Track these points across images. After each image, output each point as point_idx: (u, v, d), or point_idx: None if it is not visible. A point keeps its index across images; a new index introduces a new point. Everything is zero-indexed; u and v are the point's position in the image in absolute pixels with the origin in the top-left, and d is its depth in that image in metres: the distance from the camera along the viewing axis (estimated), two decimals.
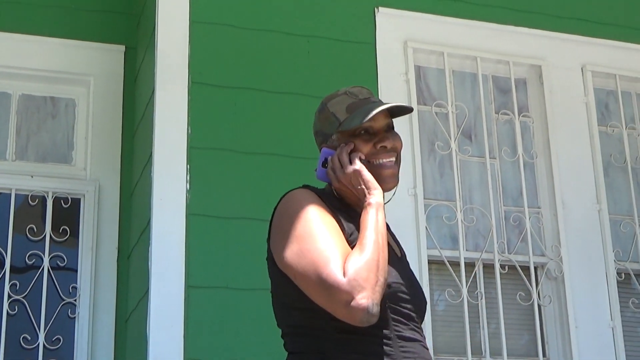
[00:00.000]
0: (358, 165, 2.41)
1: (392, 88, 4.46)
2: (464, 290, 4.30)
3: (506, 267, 4.42)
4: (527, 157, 4.63)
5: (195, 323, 3.89)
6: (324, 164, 2.52)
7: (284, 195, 2.46)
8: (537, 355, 4.34)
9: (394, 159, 2.47)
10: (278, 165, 4.19)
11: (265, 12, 4.40)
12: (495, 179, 4.57)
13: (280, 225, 2.38)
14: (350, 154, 2.44)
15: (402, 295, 2.34)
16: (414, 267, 4.10)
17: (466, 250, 4.39)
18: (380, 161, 2.45)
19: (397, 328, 2.30)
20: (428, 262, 4.28)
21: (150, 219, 3.98)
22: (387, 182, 2.45)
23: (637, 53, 4.97)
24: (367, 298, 2.16)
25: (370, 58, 4.49)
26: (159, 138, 4.07)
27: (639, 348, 4.59)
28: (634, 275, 4.62)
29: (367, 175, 2.39)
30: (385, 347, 2.26)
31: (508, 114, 4.69)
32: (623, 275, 4.57)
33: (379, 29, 4.54)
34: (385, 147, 2.46)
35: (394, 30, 4.57)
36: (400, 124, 4.37)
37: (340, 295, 2.17)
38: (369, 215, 2.33)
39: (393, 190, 2.50)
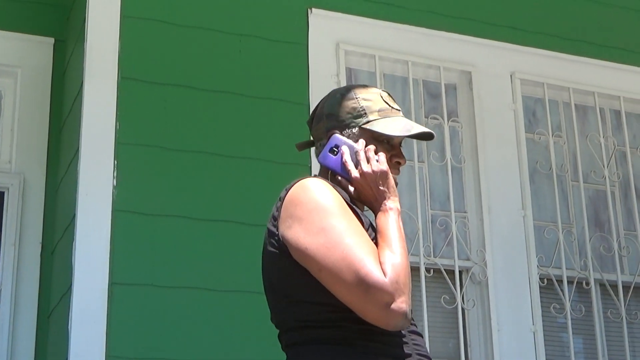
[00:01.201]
0: (386, 166, 2.37)
1: (323, 89, 4.40)
2: None
3: (431, 271, 4.45)
4: (455, 161, 4.67)
5: (119, 320, 3.85)
6: (332, 150, 2.42)
7: (294, 184, 2.36)
8: (459, 358, 4.38)
9: (398, 175, 2.46)
10: (207, 164, 4.17)
11: (198, 9, 4.38)
12: (423, 182, 4.61)
13: (297, 214, 2.27)
14: (375, 152, 2.39)
15: None
16: None
17: None
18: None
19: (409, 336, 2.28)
20: None
21: (75, 214, 3.93)
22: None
23: (565, 62, 5.04)
24: (406, 303, 2.13)
25: (302, 58, 4.50)
26: (87, 133, 4.03)
27: (560, 352, 4.66)
28: (556, 280, 4.68)
29: (392, 180, 2.37)
30: (402, 339, 2.24)
31: (437, 119, 4.72)
32: (545, 280, 4.63)
33: (311, 29, 4.55)
34: (399, 163, 2.47)
35: (326, 32, 4.58)
36: None
37: (382, 297, 2.11)
38: (391, 219, 2.29)
39: None
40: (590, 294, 4.75)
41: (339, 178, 2.40)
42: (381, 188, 2.35)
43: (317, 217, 2.23)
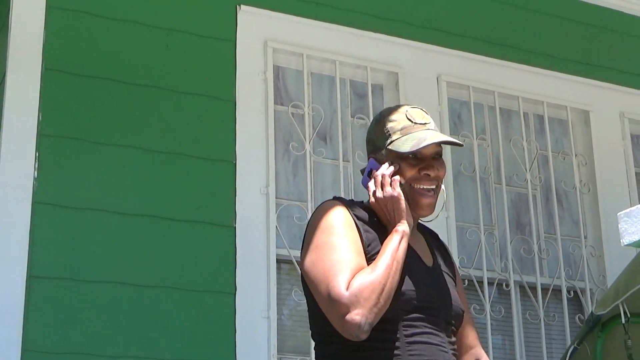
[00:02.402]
0: (397, 192, 2.49)
1: (250, 86, 4.47)
2: None
3: None
4: None
5: (36, 314, 3.81)
6: (370, 173, 2.57)
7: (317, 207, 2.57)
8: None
9: (434, 187, 2.53)
10: (130, 158, 4.15)
11: (125, 2, 4.36)
12: (347, 181, 4.63)
13: (306, 235, 2.51)
14: (393, 176, 2.50)
15: (419, 303, 2.44)
16: (261, 266, 4.15)
17: None
18: (421, 187, 2.52)
19: (407, 332, 2.42)
20: (277, 262, 4.30)
21: None
22: (424, 209, 2.54)
23: (491, 66, 5.11)
24: (361, 315, 2.32)
25: (229, 55, 4.49)
26: (8, 123, 3.98)
27: None
28: (477, 282, 4.74)
29: (403, 205, 2.48)
30: (393, 351, 2.40)
31: (363, 119, 4.75)
32: (466, 281, 4.69)
33: (240, 26, 4.55)
34: (428, 175, 2.53)
35: (254, 29, 4.58)
36: (255, 122, 4.41)
37: (339, 308, 2.33)
38: (392, 241, 2.44)
39: (435, 214, 2.59)
40: (510, 296, 4.82)
41: None
42: (392, 213, 2.49)
43: (316, 236, 2.47)
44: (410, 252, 2.52)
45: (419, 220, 2.64)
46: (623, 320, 3.96)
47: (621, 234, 2.78)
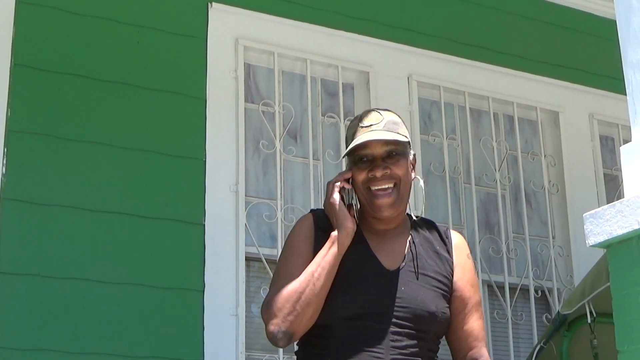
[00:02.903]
0: (333, 198, 2.57)
1: (221, 84, 4.47)
2: None
3: None
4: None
5: (4, 310, 3.80)
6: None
7: None
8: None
9: (390, 186, 2.55)
10: (100, 154, 4.14)
11: None
12: (317, 180, 4.64)
13: None
14: (334, 183, 2.59)
15: (360, 309, 2.51)
16: (230, 264, 4.15)
17: None
18: (374, 188, 2.55)
19: (342, 339, 2.51)
20: (246, 260, 4.30)
21: None
22: (382, 210, 2.56)
23: (461, 67, 5.13)
24: (274, 325, 2.49)
25: (200, 53, 4.49)
26: None
27: (446, 350, 4.73)
28: None
29: (338, 210, 2.56)
30: (324, 358, 2.53)
31: (334, 117, 4.76)
32: None
33: (211, 24, 4.54)
34: (375, 175, 2.55)
35: (226, 27, 4.57)
36: (226, 120, 4.41)
37: (263, 319, 2.55)
38: (323, 248, 2.55)
39: (421, 208, 2.74)
40: None
41: None
42: (332, 218, 2.59)
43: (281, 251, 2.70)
44: (363, 256, 2.58)
45: (422, 217, 2.72)
46: (589, 320, 4.00)
47: (587, 235, 2.78)
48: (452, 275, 2.68)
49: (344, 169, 4.56)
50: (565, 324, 4.20)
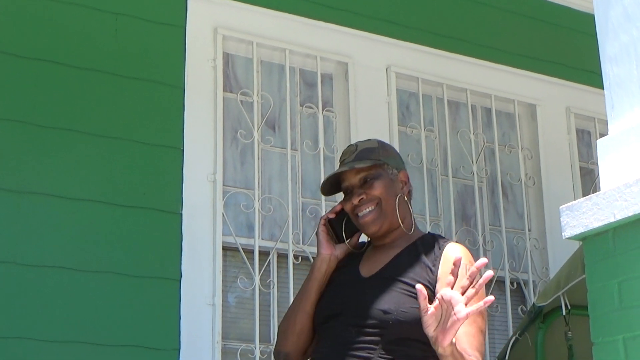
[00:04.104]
0: (318, 227, 2.90)
1: (199, 73, 4.46)
2: (256, 279, 4.35)
3: (299, 258, 4.49)
4: (328, 151, 4.72)
5: None
6: None
7: None
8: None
9: (370, 208, 2.81)
10: (77, 142, 4.12)
11: None
12: (295, 170, 4.64)
13: None
14: (322, 217, 2.94)
15: (327, 312, 2.76)
16: (207, 253, 4.14)
17: (261, 239, 4.44)
18: (357, 214, 2.82)
19: (318, 343, 2.79)
20: (223, 249, 4.30)
21: None
22: (366, 228, 2.84)
23: (440, 59, 5.14)
24: (276, 343, 2.91)
25: (179, 41, 4.47)
26: None
27: None
28: None
29: (319, 238, 2.89)
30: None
31: (312, 108, 4.76)
32: None
33: (190, 13, 4.52)
34: (352, 203, 2.83)
35: (204, 16, 4.56)
36: (204, 109, 4.40)
37: None
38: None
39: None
40: None
41: None
42: None
43: None
44: (350, 267, 2.84)
45: (434, 233, 2.93)
46: (564, 312, 4.03)
47: (563, 228, 2.80)
48: (435, 283, 2.68)
49: (321, 161, 4.61)
50: (540, 316, 4.22)
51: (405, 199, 2.87)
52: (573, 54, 5.53)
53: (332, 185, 2.92)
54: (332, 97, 4.89)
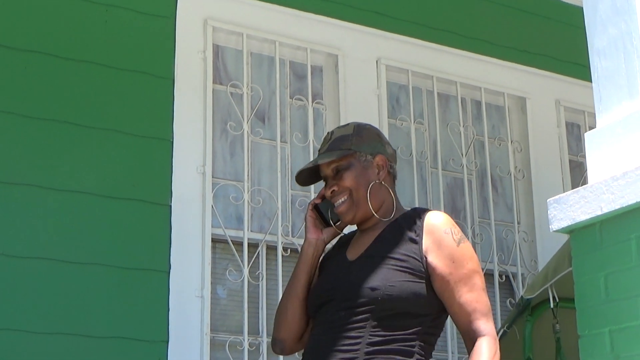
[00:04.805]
0: (306, 212, 2.93)
1: (189, 65, 4.46)
2: (245, 271, 4.35)
3: (289, 250, 4.49)
4: (317, 143, 4.70)
5: None
6: None
7: None
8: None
9: (342, 199, 2.82)
10: (66, 133, 4.11)
11: None
12: (284, 162, 4.64)
13: None
14: (310, 202, 2.95)
15: (320, 299, 2.76)
16: (196, 245, 4.14)
17: (251, 231, 4.44)
18: (335, 203, 2.84)
19: (313, 329, 2.80)
20: (212, 241, 4.30)
21: None
22: (342, 216, 2.84)
23: (430, 51, 5.14)
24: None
25: (169, 33, 4.46)
26: None
27: None
28: None
29: (307, 224, 2.91)
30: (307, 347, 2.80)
31: (302, 100, 4.76)
32: None
33: (180, 4, 4.51)
34: (327, 194, 2.86)
35: (194, 7, 4.55)
36: (194, 101, 4.40)
37: None
38: None
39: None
40: None
41: None
42: None
43: None
44: (340, 253, 2.87)
45: (416, 207, 3.02)
46: (552, 305, 4.03)
47: (550, 220, 2.81)
48: (422, 254, 2.70)
49: (311, 153, 4.61)
50: (528, 308, 4.23)
51: (383, 183, 2.84)
52: (563, 47, 5.54)
53: (312, 174, 2.93)
54: (322, 89, 4.89)
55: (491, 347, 2.61)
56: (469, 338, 2.66)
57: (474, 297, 2.68)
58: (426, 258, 2.68)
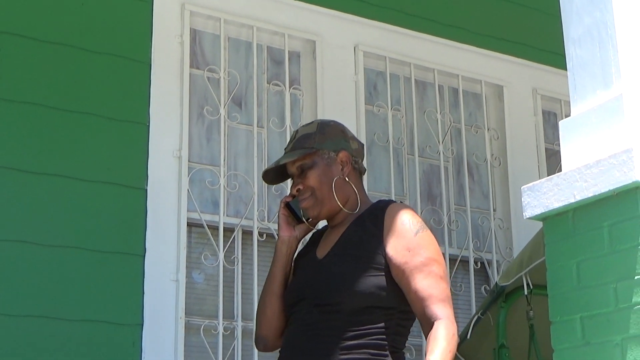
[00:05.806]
0: (280, 207, 2.95)
1: (166, 49, 4.44)
2: (221, 255, 4.35)
3: (264, 235, 4.50)
4: (294, 128, 4.71)
5: None
6: None
7: None
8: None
9: (306, 195, 2.87)
10: (41, 116, 4.09)
11: None
12: (261, 147, 4.64)
13: None
14: (282, 200, 2.98)
15: (292, 299, 2.82)
16: (171, 229, 4.14)
17: (226, 215, 4.44)
18: (301, 200, 2.89)
19: (289, 328, 2.83)
20: (188, 225, 4.30)
21: None
22: (307, 213, 2.90)
23: (408, 38, 5.15)
24: None
25: (146, 17, 4.45)
26: None
27: None
28: None
29: (279, 222, 2.94)
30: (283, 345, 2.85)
31: (279, 85, 4.76)
32: None
33: None
34: (293, 193, 2.91)
35: None
36: (170, 85, 4.38)
37: None
38: None
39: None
40: None
41: None
42: None
43: None
44: (309, 254, 2.91)
45: (381, 199, 2.98)
46: (526, 292, 4.06)
47: (524, 208, 2.83)
48: (383, 247, 2.73)
49: (287, 138, 4.61)
50: (503, 295, 4.25)
51: (347, 179, 2.89)
52: (540, 35, 5.55)
53: (279, 173, 2.98)
54: (299, 74, 4.88)
55: (449, 329, 2.59)
56: (427, 324, 2.65)
57: (429, 283, 2.67)
58: (385, 250, 2.72)
